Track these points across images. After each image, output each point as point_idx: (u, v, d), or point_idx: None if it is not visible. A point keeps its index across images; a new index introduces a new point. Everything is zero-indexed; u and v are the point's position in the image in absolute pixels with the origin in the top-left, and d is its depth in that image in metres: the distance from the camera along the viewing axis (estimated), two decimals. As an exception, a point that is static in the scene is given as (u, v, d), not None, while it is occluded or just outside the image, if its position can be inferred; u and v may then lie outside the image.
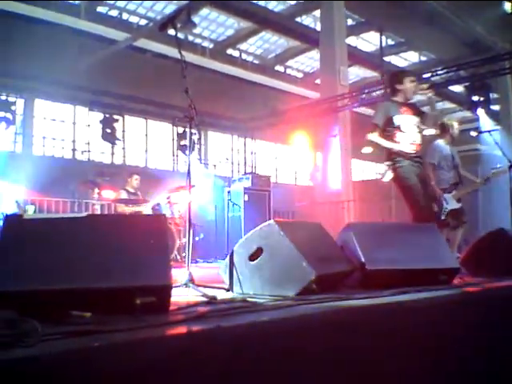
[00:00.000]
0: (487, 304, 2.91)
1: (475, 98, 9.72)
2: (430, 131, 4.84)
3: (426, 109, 4.74)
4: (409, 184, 4.26)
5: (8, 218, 2.22)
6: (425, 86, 4.66)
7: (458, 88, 15.73)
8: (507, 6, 5.98)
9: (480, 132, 10.53)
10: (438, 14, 12.21)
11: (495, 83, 12.81)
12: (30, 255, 1.97)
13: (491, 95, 10.38)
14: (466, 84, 10.44)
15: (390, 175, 4.42)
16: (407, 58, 16.78)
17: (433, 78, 10.68)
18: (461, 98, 15.45)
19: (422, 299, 2.62)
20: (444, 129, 5.79)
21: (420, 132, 4.45)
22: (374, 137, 4.40)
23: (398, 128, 4.33)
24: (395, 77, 4.58)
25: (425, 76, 10.61)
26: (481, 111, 9.93)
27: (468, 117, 15.36)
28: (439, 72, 10.34)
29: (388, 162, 4.42)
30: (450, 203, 5.42)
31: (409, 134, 4.34)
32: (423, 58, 16.58)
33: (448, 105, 19.15)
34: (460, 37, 13.19)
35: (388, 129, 4.37)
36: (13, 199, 7.62)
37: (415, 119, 4.40)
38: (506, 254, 3.72)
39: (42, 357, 1.28)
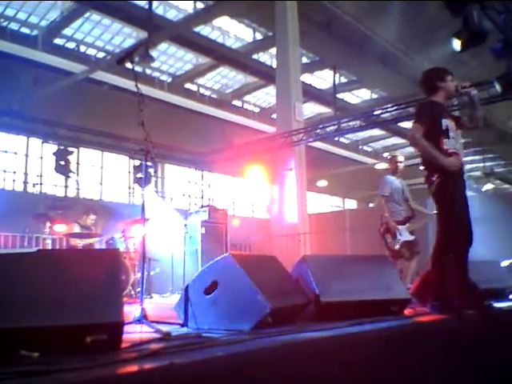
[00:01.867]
0: (437, 333, 2.99)
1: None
2: (381, 165, 4.95)
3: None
4: (455, 204, 3.57)
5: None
6: (467, 83, 3.76)
7: (407, 124, 16.39)
8: (455, 44, 6.30)
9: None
10: (389, 53, 12.80)
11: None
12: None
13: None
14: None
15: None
16: (359, 95, 17.43)
17: (383, 115, 11.10)
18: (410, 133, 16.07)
19: (374, 330, 2.67)
20: (393, 163, 6.01)
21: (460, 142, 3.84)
22: (421, 140, 3.58)
23: (446, 133, 3.61)
24: (436, 73, 3.87)
25: (376, 113, 11.03)
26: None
27: (417, 152, 15.94)
28: (389, 109, 10.77)
29: (431, 175, 3.66)
30: (404, 235, 5.58)
31: (455, 142, 3.67)
32: (375, 96, 17.27)
33: (398, 140, 19.92)
34: (410, 75, 13.81)
35: (434, 133, 3.60)
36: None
37: (454, 125, 3.73)
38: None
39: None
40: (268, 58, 14.57)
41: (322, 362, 2.22)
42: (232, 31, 13.49)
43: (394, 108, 10.68)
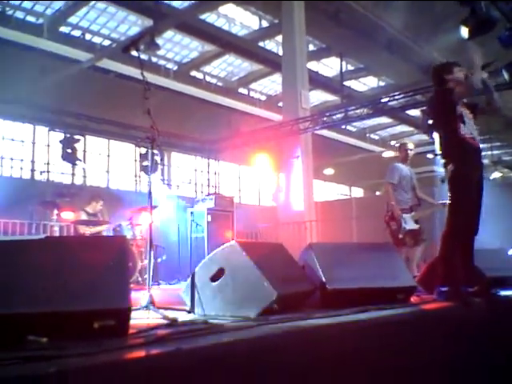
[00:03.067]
0: (442, 321, 3.00)
1: (431, 122, 10.07)
2: (389, 153, 4.90)
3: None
4: (468, 191, 3.57)
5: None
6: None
7: (415, 112, 16.28)
8: (463, 32, 6.25)
9: (436, 154, 10.87)
10: (396, 40, 12.68)
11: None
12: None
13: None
14: (423, 108, 10.82)
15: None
16: (366, 83, 17.30)
17: (390, 103, 11.03)
18: (418, 121, 16.00)
19: (380, 318, 2.67)
20: (402, 151, 5.97)
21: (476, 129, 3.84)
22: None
23: (461, 118, 3.64)
24: (443, 67, 3.95)
25: (383, 100, 10.95)
26: (436, 134, 10.28)
27: (424, 140, 15.87)
28: (397, 97, 10.69)
29: (448, 162, 3.69)
30: (409, 223, 5.56)
31: (471, 128, 3.70)
32: (382, 83, 17.13)
33: (406, 128, 19.80)
34: (417, 62, 13.71)
35: (450, 119, 3.66)
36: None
37: (470, 113, 3.79)
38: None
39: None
40: (274, 45, 14.47)
41: (327, 349, 2.23)
42: (238, 19, 13.39)
43: (402, 96, 10.61)
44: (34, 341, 1.71)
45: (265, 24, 13.59)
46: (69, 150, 10.41)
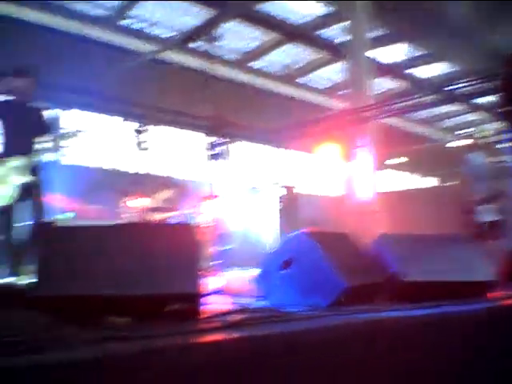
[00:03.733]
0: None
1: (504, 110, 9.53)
2: (465, 142, 4.68)
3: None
4: None
5: (45, 226, 2.27)
6: None
7: (487, 99, 15.45)
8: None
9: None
10: (465, 24, 12.08)
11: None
12: (67, 261, 2.01)
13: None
14: (498, 95, 10.26)
15: None
16: (434, 69, 16.59)
17: (461, 90, 10.53)
18: (492, 108, 15.20)
19: (456, 312, 2.55)
20: (477, 139, 5.70)
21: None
22: None
23: None
24: None
25: (453, 87, 10.48)
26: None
27: (500, 128, 15.06)
28: (467, 83, 10.18)
29: None
30: (487, 215, 5.31)
31: None
32: (451, 69, 16.38)
33: (478, 116, 18.85)
34: (488, 48, 12.98)
35: None
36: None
37: None
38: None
39: (77, 361, 1.29)
40: (337, 32, 14.16)
41: (400, 342, 2.16)
42: (299, 6, 13.20)
43: (473, 82, 10.09)
44: (113, 321, 1.76)
45: (327, 11, 13.31)
46: (138, 140, 10.75)
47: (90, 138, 12.85)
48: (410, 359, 2.14)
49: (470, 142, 5.68)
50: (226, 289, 2.86)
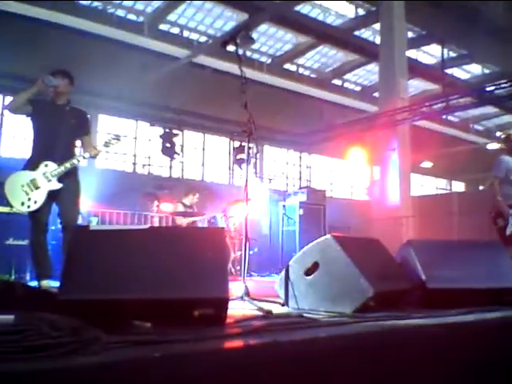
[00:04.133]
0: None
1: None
2: (494, 145, 4.54)
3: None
4: None
5: (76, 229, 2.32)
6: None
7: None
8: None
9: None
10: (500, 26, 11.80)
11: None
12: (94, 265, 2.05)
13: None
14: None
15: None
16: (470, 71, 16.27)
17: (496, 91, 10.29)
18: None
19: (486, 320, 2.50)
20: (508, 142, 5.55)
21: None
22: None
23: None
24: None
25: (488, 89, 10.25)
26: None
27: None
28: (503, 85, 9.95)
29: None
30: (521, 220, 5.16)
31: None
32: (486, 71, 16.02)
33: (513, 118, 18.37)
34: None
35: None
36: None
37: None
38: None
39: (104, 365, 1.32)
40: (370, 34, 14.05)
41: (426, 350, 2.13)
42: (333, 8, 13.16)
43: (508, 84, 9.86)
44: (139, 326, 1.79)
45: (361, 12, 13.22)
46: (168, 145, 10.92)
47: (123, 143, 13.09)
48: (436, 366, 2.11)
49: (501, 144, 5.52)
50: (251, 294, 2.87)
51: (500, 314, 2.65)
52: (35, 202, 3.78)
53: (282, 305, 2.88)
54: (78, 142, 4.22)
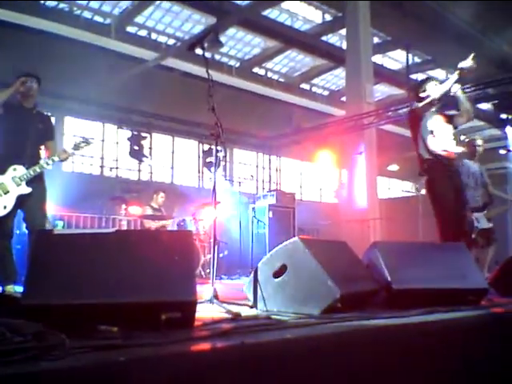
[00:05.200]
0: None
1: (503, 116, 9.58)
2: (457, 149, 4.70)
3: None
4: (443, 202, 4.10)
5: (39, 233, 2.27)
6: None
7: (486, 106, 15.52)
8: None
9: (508, 150, 10.33)
10: (464, 32, 12.15)
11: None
12: (60, 269, 2.02)
13: (520, 113, 10.20)
14: (495, 102, 10.31)
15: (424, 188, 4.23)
16: (434, 76, 16.69)
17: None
18: (489, 116, 15.25)
19: (450, 320, 2.57)
20: (470, 146, 5.73)
21: (455, 139, 4.29)
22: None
23: (431, 133, 4.18)
24: (418, 84, 4.56)
25: (451, 94, 10.50)
26: (509, 129, 9.78)
27: (496, 135, 15.12)
28: (467, 90, 10.22)
29: (422, 174, 4.23)
30: (481, 222, 5.33)
31: (442, 140, 4.19)
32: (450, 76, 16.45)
33: (476, 123, 18.89)
34: (487, 55, 13.05)
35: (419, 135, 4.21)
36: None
37: (448, 126, 4.27)
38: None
39: (68, 370, 1.30)
40: (337, 39, 14.26)
41: (391, 349, 2.17)
42: (301, 13, 13.30)
43: (472, 89, 10.14)
44: (104, 330, 1.77)
45: (328, 18, 13.41)
46: (136, 147, 10.80)
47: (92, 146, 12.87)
48: (402, 365, 2.16)
49: (464, 149, 5.70)
50: (220, 297, 2.87)
51: (463, 314, 2.72)
52: (5, 207, 3.69)
53: (251, 307, 2.89)
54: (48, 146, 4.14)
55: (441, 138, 4.15)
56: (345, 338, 2.11)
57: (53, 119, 4.41)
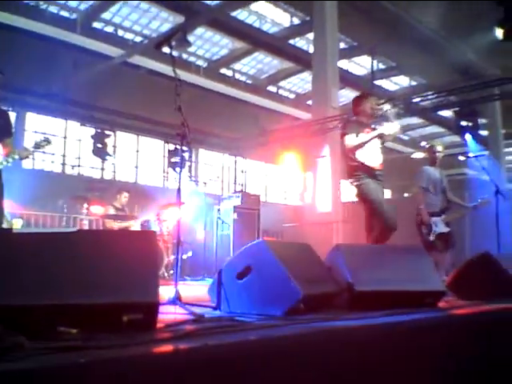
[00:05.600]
0: (472, 327, 2.93)
1: (464, 123, 9.89)
2: (418, 155, 4.90)
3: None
4: (371, 198, 4.50)
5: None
6: (381, 101, 4.78)
7: (447, 113, 15.99)
8: (498, 33, 6.20)
9: (468, 157, 10.68)
10: (429, 39, 12.46)
11: (484, 109, 13.03)
12: (18, 270, 1.96)
13: (479, 121, 10.55)
14: (456, 109, 10.63)
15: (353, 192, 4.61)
16: (398, 82, 17.07)
17: (423, 103, 10.86)
18: (449, 122, 15.72)
19: (408, 321, 2.63)
20: (430, 153, 5.89)
21: (380, 153, 4.70)
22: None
23: (360, 146, 4.56)
24: (355, 100, 4.91)
25: (414, 100, 10.78)
26: (469, 136, 10.10)
27: (456, 141, 15.63)
28: (429, 97, 10.51)
29: (351, 180, 4.62)
30: (439, 227, 5.48)
31: (370, 153, 4.59)
32: (414, 83, 16.87)
33: (437, 129, 19.45)
34: (451, 62, 13.45)
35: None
36: None
37: (376, 141, 4.64)
38: (492, 277, 3.76)
39: (26, 371, 1.27)
40: (305, 43, 14.41)
41: (352, 350, 2.21)
42: (269, 16, 13.38)
43: (434, 96, 10.42)
44: (64, 332, 1.73)
45: (296, 21, 13.54)
46: (99, 145, 10.60)
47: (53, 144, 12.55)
48: (363, 367, 2.20)
49: (425, 154, 5.86)
50: (183, 298, 2.85)
51: (421, 316, 2.80)
52: None
53: (215, 308, 2.88)
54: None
55: (368, 151, 4.57)
56: (308, 339, 2.13)
57: (14, 115, 4.27)
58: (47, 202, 8.73)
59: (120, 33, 12.76)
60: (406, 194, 18.88)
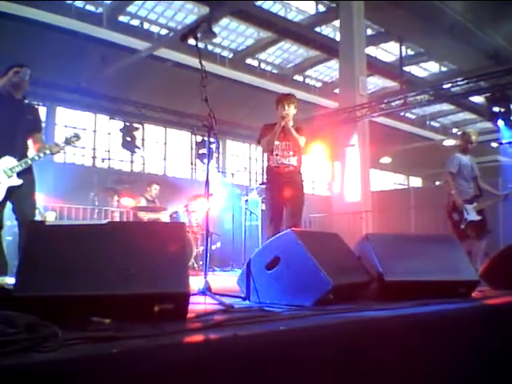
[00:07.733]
0: (507, 316, 2.87)
1: (495, 109, 9.60)
2: (450, 142, 4.73)
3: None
4: (270, 201, 4.70)
5: (31, 225, 2.26)
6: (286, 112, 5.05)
7: (478, 99, 15.58)
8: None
9: (500, 143, 10.37)
10: (458, 24, 12.15)
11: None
12: (52, 261, 2.00)
13: (512, 106, 10.23)
14: (487, 95, 10.34)
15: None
16: (427, 68, 16.71)
17: (453, 89, 10.59)
18: (481, 108, 15.32)
19: (440, 312, 2.59)
20: (463, 139, 5.75)
21: (293, 156, 4.78)
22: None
23: (272, 150, 4.76)
24: (276, 100, 5.15)
25: (445, 86, 10.54)
26: (501, 122, 9.81)
27: (488, 128, 15.20)
28: (459, 83, 10.24)
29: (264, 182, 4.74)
30: (471, 214, 5.36)
31: (278, 156, 4.73)
32: (443, 69, 16.49)
33: (468, 115, 18.99)
34: (480, 48, 13.10)
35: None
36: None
37: (287, 143, 4.79)
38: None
39: (60, 362, 1.30)
40: (331, 30, 14.21)
41: (383, 341, 2.18)
42: (294, 4, 13.24)
43: (465, 81, 10.16)
44: (97, 322, 1.77)
45: (322, 9, 13.36)
46: (128, 138, 10.72)
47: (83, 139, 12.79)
48: (394, 357, 2.17)
49: (457, 141, 5.73)
50: (212, 289, 2.87)
51: (454, 306, 2.75)
52: None
53: (244, 299, 2.89)
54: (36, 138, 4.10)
55: (278, 153, 4.75)
56: (338, 329, 2.12)
57: (44, 109, 4.36)
58: (79, 195, 8.89)
59: (146, 26, 12.84)
60: (437, 183, 18.56)
